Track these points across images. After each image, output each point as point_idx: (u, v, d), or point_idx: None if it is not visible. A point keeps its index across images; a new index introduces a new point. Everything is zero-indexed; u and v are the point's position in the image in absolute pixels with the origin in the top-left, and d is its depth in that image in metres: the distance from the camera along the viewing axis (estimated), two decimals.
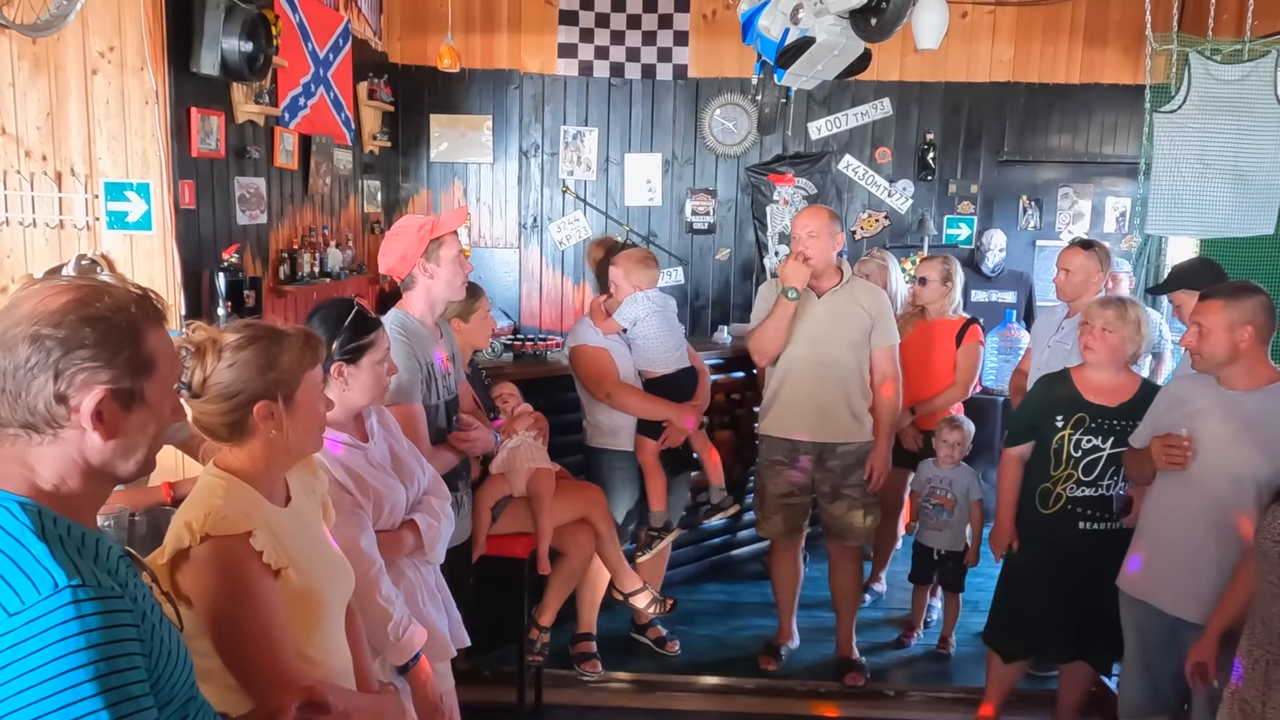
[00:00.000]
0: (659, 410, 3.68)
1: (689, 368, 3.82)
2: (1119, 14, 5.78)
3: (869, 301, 3.69)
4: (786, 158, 6.12)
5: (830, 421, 3.68)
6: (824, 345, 3.64)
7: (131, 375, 1.16)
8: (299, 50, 4.26)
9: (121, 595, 1.11)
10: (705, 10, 5.94)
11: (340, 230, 4.97)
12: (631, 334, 3.73)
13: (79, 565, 1.09)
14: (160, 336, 1.20)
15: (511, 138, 6.05)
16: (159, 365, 1.20)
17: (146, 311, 1.19)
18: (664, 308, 3.76)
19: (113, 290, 1.18)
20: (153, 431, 1.22)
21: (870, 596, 4.52)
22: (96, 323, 1.13)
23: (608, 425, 3.75)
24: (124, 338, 1.15)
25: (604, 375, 3.66)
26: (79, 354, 1.12)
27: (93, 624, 1.05)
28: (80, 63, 3.27)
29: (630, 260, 3.76)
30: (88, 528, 1.17)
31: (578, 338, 3.74)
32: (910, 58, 5.79)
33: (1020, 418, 3.30)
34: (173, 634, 1.23)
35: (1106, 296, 3.26)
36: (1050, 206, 6.17)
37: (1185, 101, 4.19)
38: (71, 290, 1.15)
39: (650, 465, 3.76)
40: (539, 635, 3.60)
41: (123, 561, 1.20)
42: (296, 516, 1.69)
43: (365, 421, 2.27)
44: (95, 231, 3.35)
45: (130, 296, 1.19)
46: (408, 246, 2.73)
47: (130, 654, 1.09)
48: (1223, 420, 2.59)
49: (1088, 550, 3.10)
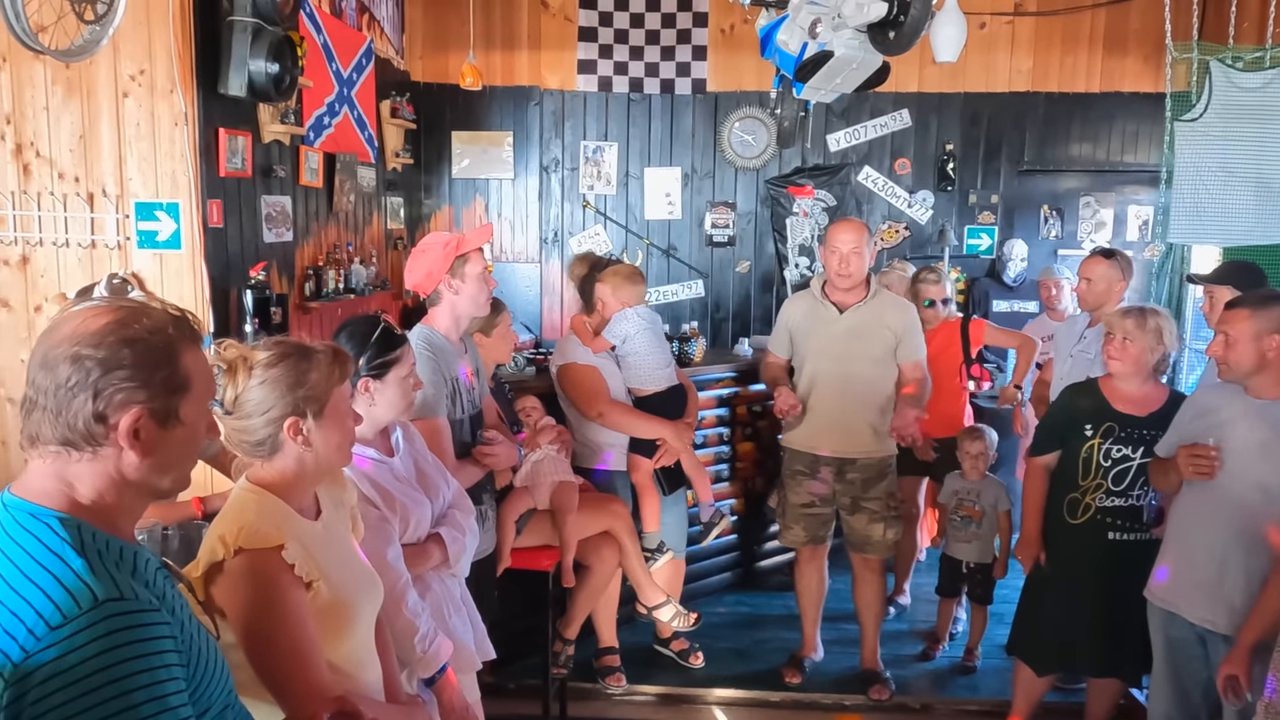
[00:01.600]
0: (653, 428, 3.68)
1: (678, 385, 3.82)
2: (1139, 22, 5.75)
3: (895, 318, 3.67)
4: (806, 170, 6.13)
5: (852, 437, 3.68)
6: (848, 361, 3.64)
7: (167, 395, 1.19)
8: (323, 70, 4.32)
9: (159, 608, 1.14)
10: (723, 25, 5.97)
11: (364, 247, 5.03)
12: (621, 351, 3.71)
13: (117, 579, 1.12)
14: (196, 357, 1.24)
15: (532, 153, 6.11)
16: (194, 385, 1.23)
17: (183, 332, 1.23)
18: (653, 324, 3.76)
19: (151, 312, 1.21)
20: (188, 449, 1.25)
21: (894, 609, 4.50)
22: (135, 344, 1.17)
23: (600, 445, 3.75)
24: (161, 358, 1.18)
25: (596, 394, 3.64)
26: (117, 374, 1.15)
27: (132, 637, 1.08)
28: (112, 86, 3.34)
29: (618, 277, 3.73)
30: (126, 541, 1.20)
31: (565, 356, 3.72)
32: (929, 69, 5.79)
33: (1047, 427, 3.28)
34: (210, 644, 1.26)
35: (1126, 306, 3.25)
36: (1072, 216, 6.14)
37: (1207, 110, 4.17)
38: (111, 312, 1.19)
39: (644, 484, 3.75)
40: (563, 648, 3.62)
41: (160, 573, 1.23)
42: (327, 530, 1.71)
43: (390, 436, 2.30)
44: (126, 251, 3.42)
45: (168, 318, 1.22)
46: (433, 263, 2.76)
47: (169, 665, 1.11)
48: (1250, 429, 2.58)
49: (1118, 560, 3.08)
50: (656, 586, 3.71)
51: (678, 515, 3.98)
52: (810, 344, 3.69)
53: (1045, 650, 3.29)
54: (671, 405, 3.76)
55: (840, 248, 3.58)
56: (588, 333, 3.73)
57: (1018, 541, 3.35)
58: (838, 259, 3.58)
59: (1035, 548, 3.23)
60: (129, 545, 1.20)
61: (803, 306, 3.78)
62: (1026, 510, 3.28)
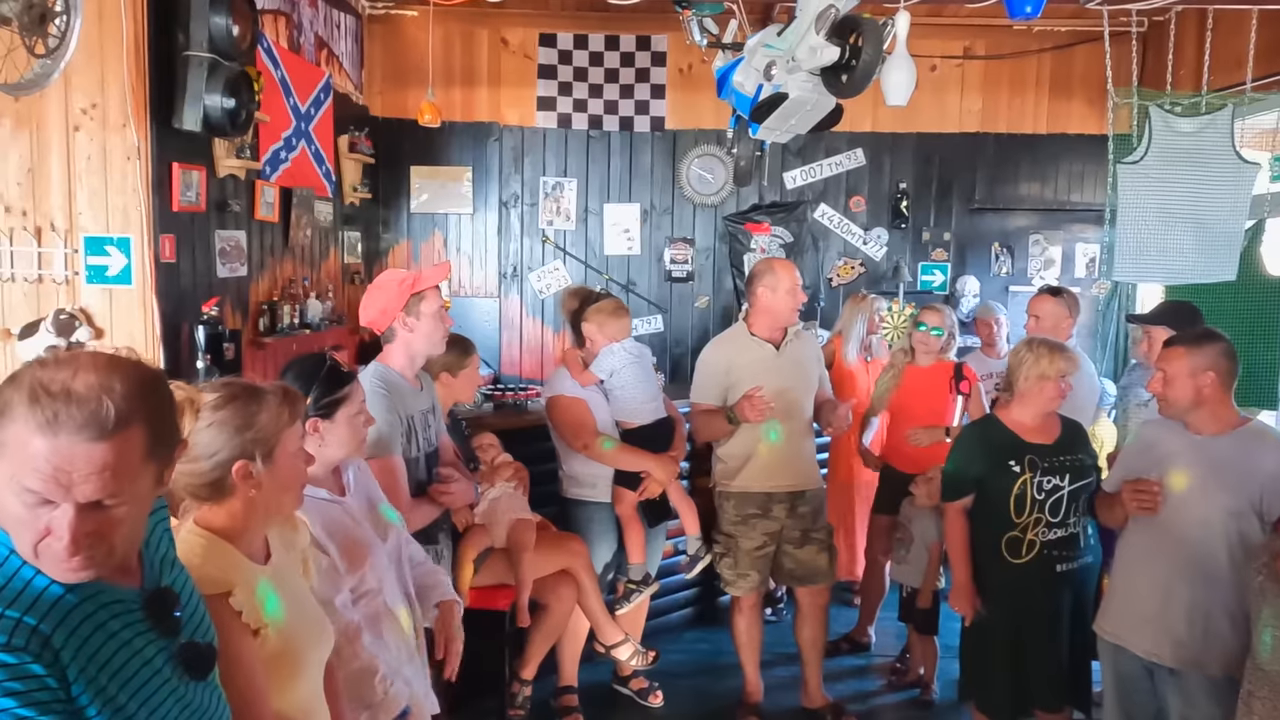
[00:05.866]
0: (638, 461, 3.68)
1: (666, 418, 3.83)
2: (1083, 67, 5.94)
3: (813, 349, 3.90)
4: (763, 207, 6.22)
5: (803, 469, 3.76)
6: (791, 395, 3.69)
7: None
8: (281, 105, 4.31)
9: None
10: (681, 65, 6.07)
11: (320, 281, 4.99)
12: (609, 385, 3.74)
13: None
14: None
15: (491, 189, 6.12)
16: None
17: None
18: (640, 358, 3.78)
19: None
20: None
21: (848, 647, 4.52)
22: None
23: (585, 476, 3.75)
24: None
25: (583, 426, 3.66)
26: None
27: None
28: (62, 119, 3.30)
29: (603, 314, 3.76)
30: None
31: (554, 388, 3.75)
32: (882, 109, 5.90)
33: (964, 469, 3.18)
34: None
35: (1045, 346, 3.16)
36: (1022, 253, 6.29)
37: (1147, 153, 4.31)
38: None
39: (628, 517, 3.75)
40: (520, 688, 3.57)
41: (106, 610, 1.19)
42: (277, 574, 1.68)
43: (343, 475, 2.27)
44: (74, 286, 3.36)
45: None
46: (388, 300, 2.75)
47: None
48: (1190, 464, 2.64)
49: (1067, 591, 3.12)
50: (615, 625, 3.69)
51: (653, 550, 3.98)
52: (755, 382, 3.63)
53: (1002, 697, 3.18)
54: (659, 438, 3.77)
55: (796, 287, 3.68)
56: (578, 365, 3.74)
57: (950, 591, 3.28)
58: (796, 297, 3.68)
59: (969, 594, 3.16)
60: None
61: (733, 348, 3.74)
62: (954, 557, 3.20)
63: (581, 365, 3.74)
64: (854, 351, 4.78)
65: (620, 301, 4.00)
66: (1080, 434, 3.23)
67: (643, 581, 3.81)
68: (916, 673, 4.17)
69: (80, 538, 1.11)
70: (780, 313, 3.69)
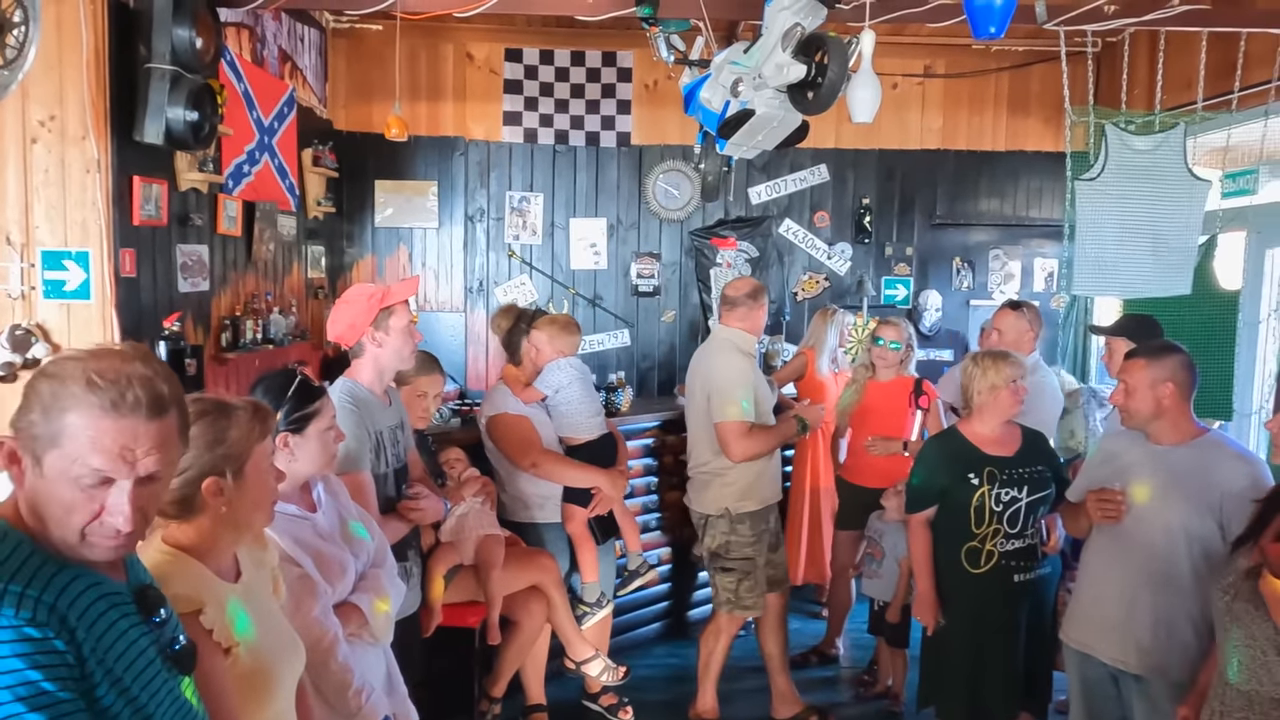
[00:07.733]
0: (589, 477, 3.67)
1: (608, 433, 3.84)
2: (1039, 86, 6.08)
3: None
4: (729, 222, 6.26)
5: (780, 473, 3.93)
6: (769, 400, 3.81)
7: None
8: (244, 119, 4.26)
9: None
10: (647, 80, 6.10)
11: (284, 296, 4.93)
12: (553, 401, 3.72)
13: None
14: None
15: (457, 203, 6.10)
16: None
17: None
18: (583, 374, 3.78)
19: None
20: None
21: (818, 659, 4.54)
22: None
23: (533, 497, 3.70)
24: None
25: (529, 444, 3.62)
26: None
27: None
28: (19, 132, 3.24)
29: (555, 326, 3.76)
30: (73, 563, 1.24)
31: (496, 406, 3.69)
32: (846, 126, 6.00)
33: (927, 481, 3.25)
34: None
35: (993, 355, 3.27)
36: (982, 267, 6.39)
37: (1104, 169, 4.40)
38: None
39: (580, 535, 3.72)
40: (490, 706, 3.53)
41: (105, 600, 1.26)
42: (247, 593, 1.65)
43: (312, 491, 2.24)
44: (31, 301, 3.28)
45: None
46: (357, 315, 2.73)
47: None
48: (1152, 474, 2.70)
49: (1024, 601, 3.17)
50: (585, 641, 3.67)
51: (606, 565, 3.96)
52: (762, 398, 3.73)
53: (960, 705, 3.24)
54: (603, 453, 3.76)
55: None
56: (519, 383, 3.71)
57: (914, 601, 3.33)
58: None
59: (932, 605, 3.21)
60: (70, 566, 1.23)
61: (748, 364, 3.74)
62: (917, 568, 3.27)
63: (523, 383, 3.71)
64: (827, 364, 4.85)
65: (571, 317, 4.00)
66: (1042, 445, 3.29)
67: (597, 602, 3.79)
68: (885, 684, 4.20)
69: (138, 509, 1.24)
70: (755, 330, 3.78)
